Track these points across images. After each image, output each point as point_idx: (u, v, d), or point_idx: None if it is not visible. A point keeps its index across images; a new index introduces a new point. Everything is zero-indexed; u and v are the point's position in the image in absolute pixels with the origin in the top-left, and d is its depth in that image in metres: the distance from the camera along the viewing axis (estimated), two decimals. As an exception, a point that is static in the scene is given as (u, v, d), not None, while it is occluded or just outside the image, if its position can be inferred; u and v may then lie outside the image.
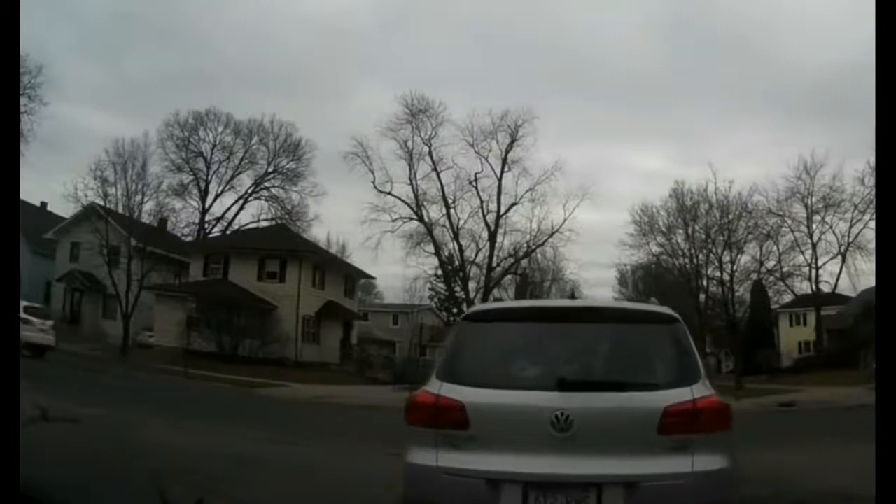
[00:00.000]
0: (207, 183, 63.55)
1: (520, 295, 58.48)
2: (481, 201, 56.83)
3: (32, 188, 62.59)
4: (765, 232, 56.79)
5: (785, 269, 57.21)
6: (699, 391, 4.66)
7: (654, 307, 6.05)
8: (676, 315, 5.30)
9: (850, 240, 53.95)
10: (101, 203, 45.08)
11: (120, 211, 45.28)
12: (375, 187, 56.49)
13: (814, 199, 54.71)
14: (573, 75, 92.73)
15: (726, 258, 58.40)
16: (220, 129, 63.74)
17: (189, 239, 58.23)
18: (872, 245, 51.49)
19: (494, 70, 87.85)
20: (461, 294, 57.39)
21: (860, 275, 53.44)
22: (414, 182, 56.75)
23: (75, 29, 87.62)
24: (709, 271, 59.66)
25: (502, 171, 56.67)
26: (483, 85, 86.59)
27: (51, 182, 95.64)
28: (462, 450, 4.70)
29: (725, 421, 4.74)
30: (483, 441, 4.67)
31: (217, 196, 63.90)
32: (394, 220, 56.25)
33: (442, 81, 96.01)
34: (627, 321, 5.28)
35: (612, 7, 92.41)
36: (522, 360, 5.16)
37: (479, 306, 5.62)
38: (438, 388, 4.88)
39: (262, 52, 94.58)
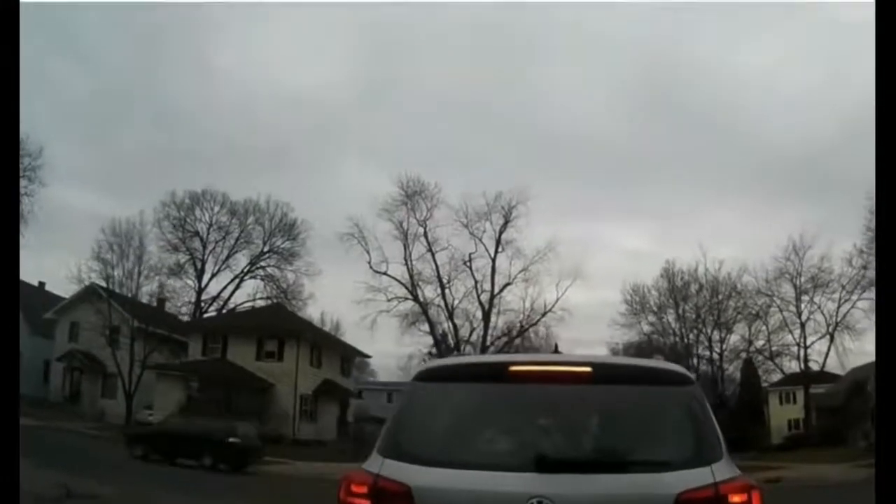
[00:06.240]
0: (203, 262, 63.78)
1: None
2: (475, 281, 57.62)
3: (30, 268, 62.88)
4: (754, 311, 58.10)
5: (774, 348, 58.37)
6: (723, 472, 3.79)
7: (662, 364, 5.06)
8: (690, 375, 4.44)
9: (839, 319, 54.63)
10: (103, 284, 45.83)
11: (119, 292, 45.97)
12: (371, 267, 57.12)
13: (802, 280, 55.64)
14: (562, 156, 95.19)
15: (716, 337, 59.64)
16: (216, 209, 64.32)
17: (185, 318, 58.58)
18: (860, 325, 52.76)
19: (487, 151, 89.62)
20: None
21: (848, 353, 54.08)
22: (409, 262, 57.51)
23: (65, 109, 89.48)
24: (699, 350, 60.88)
25: (496, 252, 57.57)
26: (476, 166, 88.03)
27: (48, 262, 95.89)
28: None
29: None
30: None
31: (213, 275, 64.09)
32: (389, 300, 56.84)
33: (436, 162, 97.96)
34: (628, 381, 4.19)
35: (599, 90, 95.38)
36: (491, 430, 4.19)
37: (434, 362, 4.94)
38: (379, 465, 3.98)
39: (254, 133, 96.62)
